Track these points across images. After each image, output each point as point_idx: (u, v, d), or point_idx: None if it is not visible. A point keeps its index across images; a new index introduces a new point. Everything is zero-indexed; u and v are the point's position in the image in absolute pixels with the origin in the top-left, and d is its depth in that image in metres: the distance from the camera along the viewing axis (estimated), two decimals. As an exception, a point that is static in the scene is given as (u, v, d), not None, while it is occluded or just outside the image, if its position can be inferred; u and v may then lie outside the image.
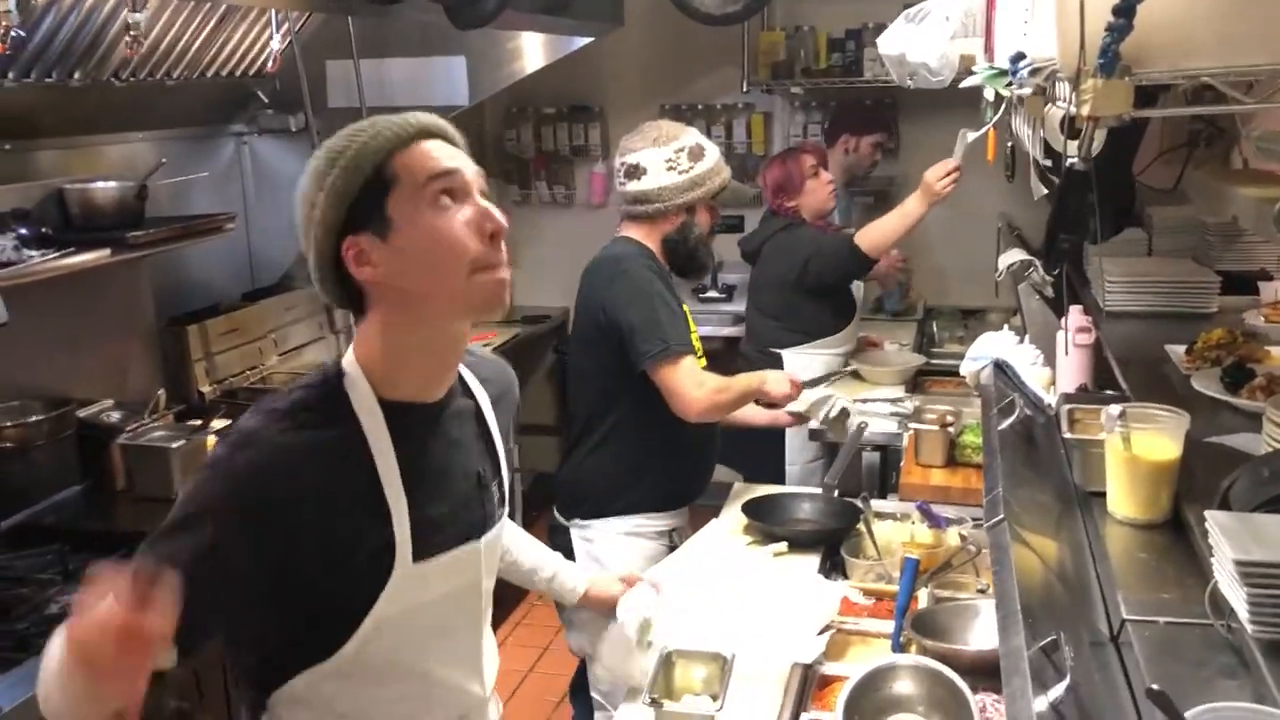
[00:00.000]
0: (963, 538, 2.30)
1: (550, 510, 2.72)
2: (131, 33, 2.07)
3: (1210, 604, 1.33)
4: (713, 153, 2.53)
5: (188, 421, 3.08)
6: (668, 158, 2.49)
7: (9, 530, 2.63)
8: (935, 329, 4.27)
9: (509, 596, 4.42)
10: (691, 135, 2.54)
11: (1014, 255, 3.47)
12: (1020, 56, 1.13)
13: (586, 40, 4.14)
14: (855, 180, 4.31)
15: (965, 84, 2.38)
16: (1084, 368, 2.51)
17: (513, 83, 4.28)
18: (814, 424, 2.76)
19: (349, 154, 1.33)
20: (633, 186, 2.53)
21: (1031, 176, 1.76)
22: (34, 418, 2.75)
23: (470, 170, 1.39)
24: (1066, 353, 2.30)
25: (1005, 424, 1.88)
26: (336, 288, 1.38)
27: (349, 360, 1.38)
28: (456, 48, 4.07)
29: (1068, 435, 1.79)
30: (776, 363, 3.51)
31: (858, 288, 3.84)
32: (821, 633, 1.92)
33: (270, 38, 3.06)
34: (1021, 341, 2.60)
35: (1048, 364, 2.51)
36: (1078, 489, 1.82)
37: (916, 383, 3.66)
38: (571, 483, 2.56)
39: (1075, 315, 2.54)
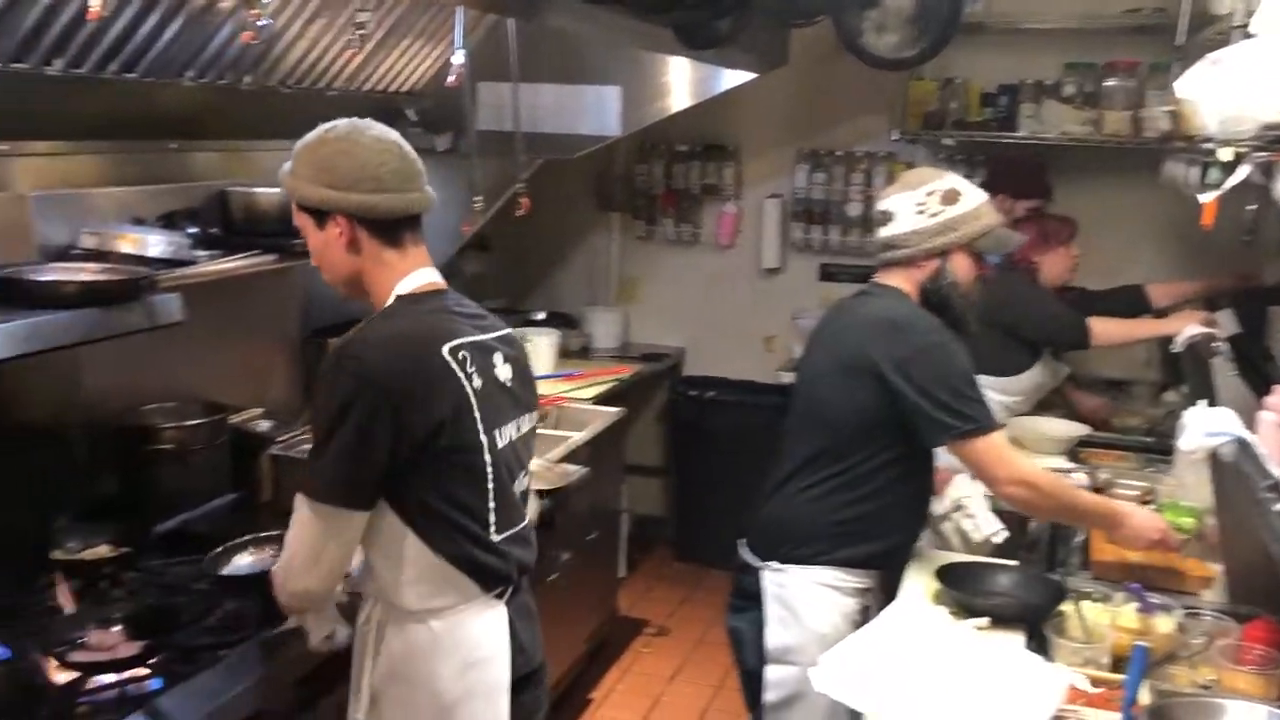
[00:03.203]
0: (1182, 627, 2.14)
1: (656, 555, 2.61)
2: (360, 31, 2.00)
3: None
4: (972, 197, 2.40)
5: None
6: (918, 201, 2.37)
7: (163, 536, 2.56)
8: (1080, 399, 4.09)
9: (616, 644, 4.29)
10: (948, 179, 2.42)
11: (1193, 328, 3.35)
12: None
13: (740, 79, 4.05)
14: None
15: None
16: (1289, 450, 2.35)
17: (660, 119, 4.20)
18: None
19: None
20: (883, 233, 2.43)
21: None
22: (192, 422, 2.69)
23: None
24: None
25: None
26: None
27: None
28: (611, 77, 4.01)
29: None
30: None
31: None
32: (1053, 722, 1.77)
33: (452, 51, 2.99)
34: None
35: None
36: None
37: (1072, 453, 3.50)
38: (777, 523, 2.41)
39: (1281, 395, 2.39)
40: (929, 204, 2.36)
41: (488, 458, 1.86)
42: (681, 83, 4.11)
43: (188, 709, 1.88)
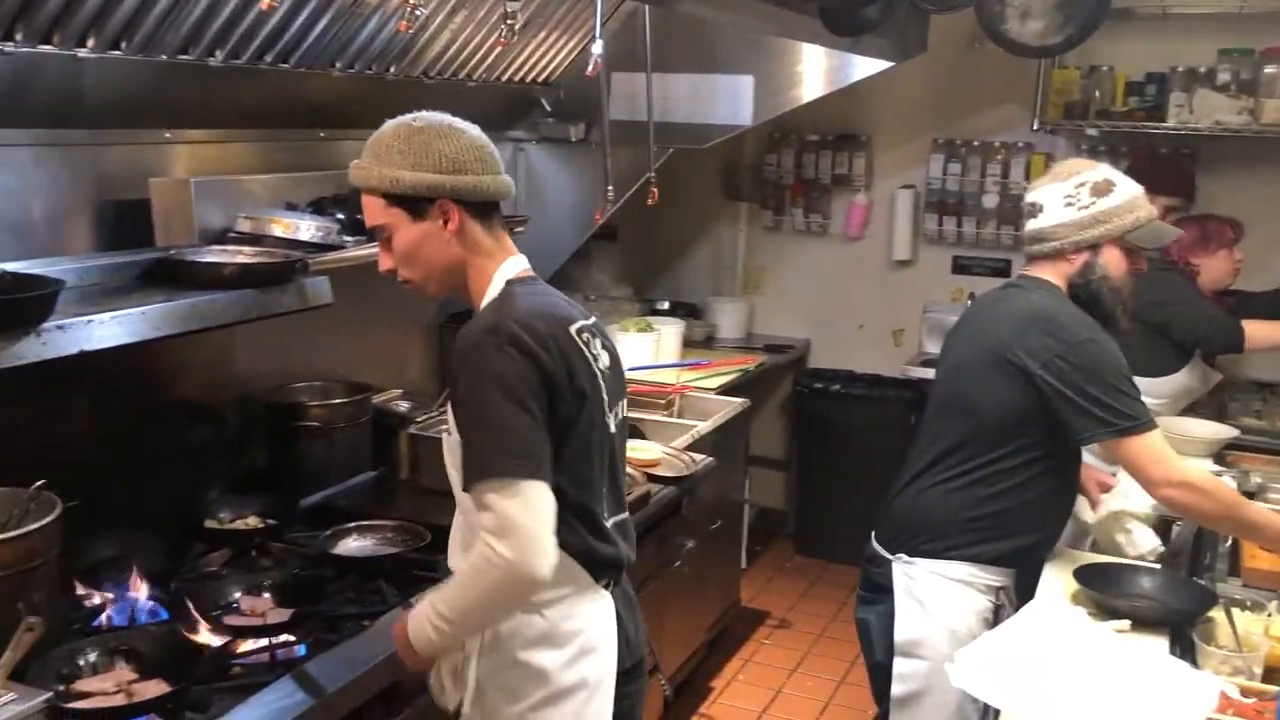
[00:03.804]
0: (1343, 640, 2.03)
1: (775, 548, 2.57)
2: (509, 21, 2.05)
3: None
4: (1126, 189, 2.32)
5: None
6: (1067, 193, 2.31)
7: (307, 509, 2.67)
8: (1227, 401, 3.92)
9: (737, 634, 4.30)
10: (1100, 170, 2.34)
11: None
12: None
13: (875, 68, 3.99)
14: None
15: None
16: None
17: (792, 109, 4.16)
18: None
19: None
20: (1031, 225, 2.37)
21: None
22: (336, 401, 2.79)
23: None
24: None
25: None
26: None
27: None
28: (744, 67, 3.99)
29: None
30: None
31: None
32: (1203, 730, 1.70)
33: (590, 40, 3.03)
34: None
35: None
36: None
37: (1219, 456, 3.35)
38: (910, 515, 2.38)
39: None
40: (1079, 196, 2.29)
41: (606, 436, 1.87)
42: (815, 72, 4.07)
43: (332, 675, 1.95)
